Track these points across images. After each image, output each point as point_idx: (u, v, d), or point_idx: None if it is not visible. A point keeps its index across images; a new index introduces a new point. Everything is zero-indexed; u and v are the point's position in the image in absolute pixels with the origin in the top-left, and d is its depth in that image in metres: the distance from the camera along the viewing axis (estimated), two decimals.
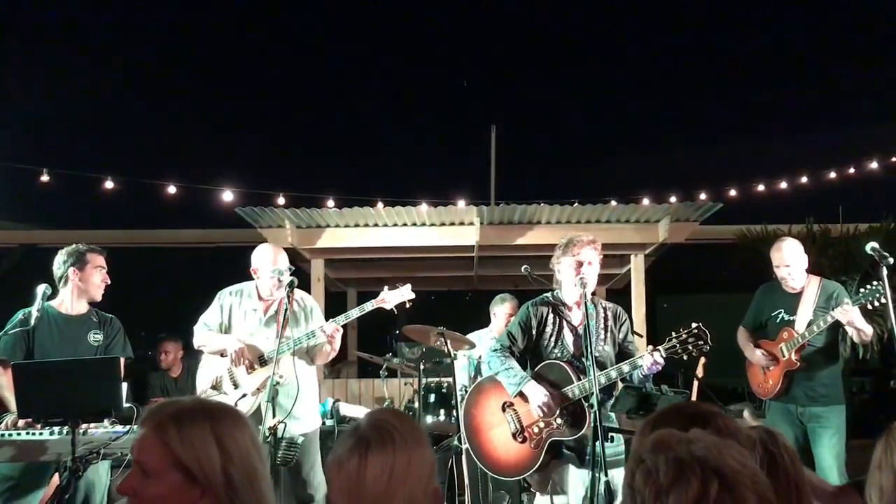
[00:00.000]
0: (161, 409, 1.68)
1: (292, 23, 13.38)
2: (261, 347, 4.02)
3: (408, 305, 4.20)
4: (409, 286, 4.19)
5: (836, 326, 4.28)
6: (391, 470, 1.55)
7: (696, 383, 5.68)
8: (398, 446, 1.58)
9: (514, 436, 3.68)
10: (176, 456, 1.60)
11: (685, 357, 3.48)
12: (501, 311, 5.73)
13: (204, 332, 4.17)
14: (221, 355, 4.08)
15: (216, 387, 4.07)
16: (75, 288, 3.95)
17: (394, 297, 4.14)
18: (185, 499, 1.60)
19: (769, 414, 4.55)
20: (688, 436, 1.29)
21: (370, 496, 1.55)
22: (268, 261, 4.09)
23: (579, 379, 3.53)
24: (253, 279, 4.18)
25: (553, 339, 3.73)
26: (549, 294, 3.88)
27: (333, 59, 13.95)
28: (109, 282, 4.08)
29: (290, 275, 4.00)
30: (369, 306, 4.10)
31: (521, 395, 3.66)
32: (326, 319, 4.10)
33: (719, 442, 1.28)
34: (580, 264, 3.66)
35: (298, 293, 4.15)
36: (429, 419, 5.45)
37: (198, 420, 1.65)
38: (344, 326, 4.12)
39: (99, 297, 4.06)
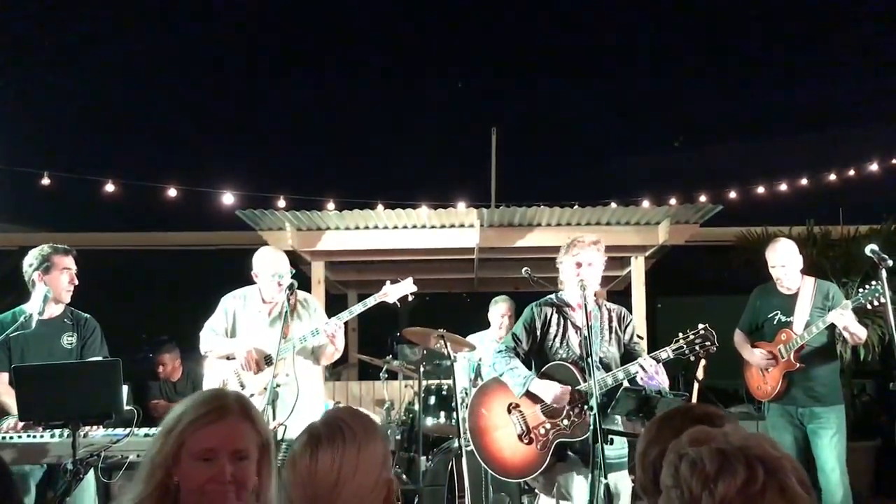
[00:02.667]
0: (229, 399, 1.82)
1: (291, 24, 13.38)
2: (266, 349, 4.04)
3: (410, 298, 4.23)
4: (410, 279, 4.23)
5: (834, 326, 4.29)
6: (340, 463, 1.65)
7: (696, 385, 5.68)
8: (347, 441, 1.67)
9: (520, 437, 3.68)
10: (262, 437, 1.82)
11: (692, 358, 3.50)
12: (495, 312, 5.77)
13: (211, 338, 4.19)
14: (228, 359, 4.10)
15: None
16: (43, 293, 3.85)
17: (396, 291, 4.18)
18: (254, 473, 1.79)
19: (768, 416, 4.56)
20: (722, 430, 1.34)
21: (322, 488, 1.64)
22: (268, 265, 4.11)
23: (585, 380, 3.53)
24: (255, 282, 4.20)
25: (558, 340, 3.73)
26: (553, 295, 3.88)
27: (333, 60, 13.96)
28: (77, 283, 3.98)
29: (291, 277, 4.02)
30: (372, 301, 4.14)
31: (527, 396, 3.66)
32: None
33: (751, 433, 1.32)
34: (579, 265, 3.67)
35: (301, 294, 4.19)
36: (429, 421, 5.46)
37: (253, 405, 1.86)
38: (345, 328, 4.14)
39: (67, 300, 3.97)
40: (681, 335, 3.47)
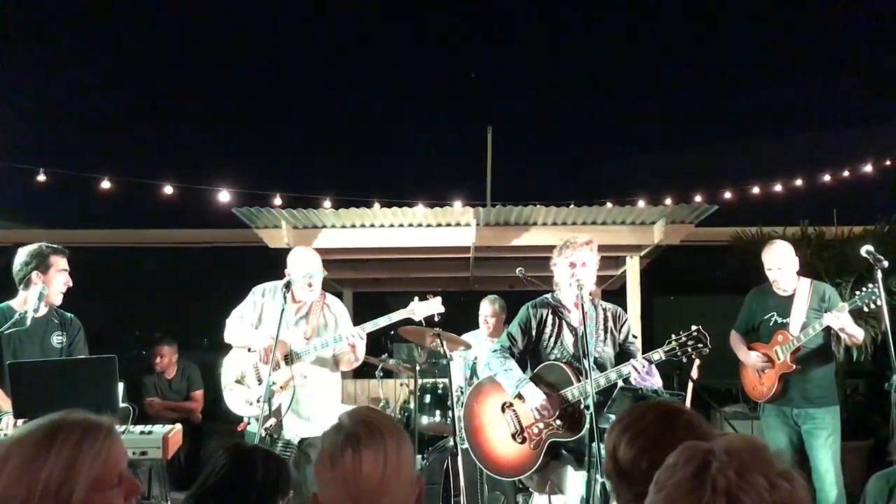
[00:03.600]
0: None
1: (289, 22, 13.37)
2: (289, 346, 4.07)
3: (437, 318, 4.23)
4: (439, 299, 4.21)
5: (830, 328, 4.31)
6: (385, 461, 1.64)
7: (690, 385, 5.69)
8: (387, 439, 1.67)
9: (513, 436, 3.69)
10: None
11: (684, 360, 3.50)
12: (480, 312, 5.80)
13: (237, 325, 4.22)
14: (248, 350, 4.12)
15: (240, 381, 4.13)
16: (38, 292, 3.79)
17: (423, 309, 4.16)
18: None
19: (763, 416, 4.57)
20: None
21: (367, 487, 1.62)
22: (299, 265, 4.17)
23: (579, 380, 3.54)
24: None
25: (553, 339, 3.74)
26: (549, 295, 3.89)
27: (330, 59, 13.95)
28: (71, 284, 3.96)
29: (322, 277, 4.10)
30: (397, 316, 4.14)
31: (520, 396, 3.68)
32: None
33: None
34: (573, 265, 3.68)
35: (330, 298, 4.29)
36: (424, 420, 5.46)
37: None
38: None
39: (59, 301, 3.95)
40: (673, 336, 3.48)
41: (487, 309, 5.82)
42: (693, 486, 1.15)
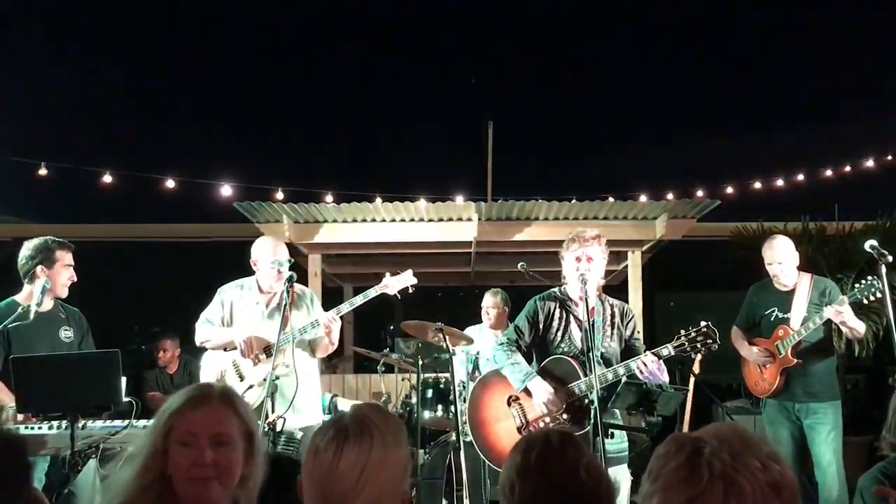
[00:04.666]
0: (213, 388, 1.86)
1: (290, 19, 13.34)
2: (268, 339, 4.04)
3: (410, 290, 4.23)
4: (410, 272, 4.24)
5: (831, 322, 4.30)
6: (364, 464, 1.58)
7: (692, 380, 5.70)
8: (375, 442, 1.60)
9: (519, 430, 3.68)
10: (247, 426, 1.85)
11: (693, 355, 3.50)
12: (483, 303, 5.87)
13: (207, 328, 4.18)
14: (225, 349, 4.09)
15: (220, 380, 4.09)
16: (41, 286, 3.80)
17: (396, 283, 4.19)
18: (241, 464, 1.81)
19: (765, 412, 4.57)
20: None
21: (340, 486, 1.57)
22: (267, 252, 4.12)
23: (586, 374, 3.53)
24: (252, 273, 4.19)
25: (560, 333, 3.73)
26: (556, 289, 3.88)
27: (331, 54, 13.93)
28: (76, 279, 3.95)
29: (290, 267, 4.02)
30: (373, 293, 4.15)
31: (527, 390, 3.67)
32: None
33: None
34: (578, 259, 3.67)
35: (298, 287, 4.20)
36: (426, 415, 5.46)
37: (240, 397, 1.91)
38: (341, 320, 4.14)
39: (65, 295, 3.95)
40: (682, 332, 3.46)
41: (489, 300, 5.83)
42: (688, 471, 1.16)
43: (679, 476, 1.17)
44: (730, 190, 8.28)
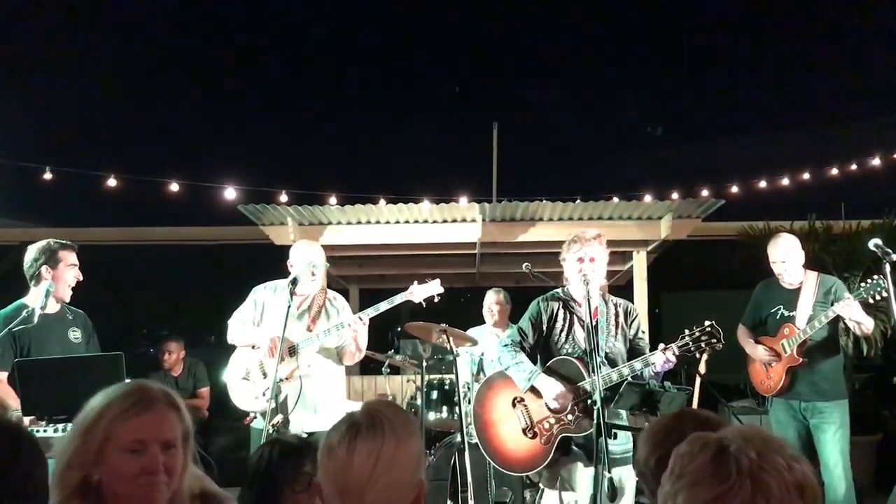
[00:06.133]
0: (154, 391, 1.81)
1: (295, 20, 13.36)
2: (292, 339, 4.09)
3: (436, 300, 4.26)
4: (437, 281, 4.28)
5: (837, 320, 4.29)
6: (377, 456, 1.60)
7: (698, 379, 5.68)
8: (387, 435, 1.63)
9: (524, 431, 3.67)
10: (186, 425, 1.84)
11: (698, 355, 3.49)
12: (486, 301, 5.93)
13: (238, 326, 4.27)
14: (252, 348, 4.17)
15: (246, 377, 4.16)
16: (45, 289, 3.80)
17: (422, 292, 4.23)
18: (183, 461, 1.82)
19: (772, 411, 4.55)
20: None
21: (355, 480, 1.60)
22: (304, 255, 4.21)
23: (590, 375, 3.52)
24: (286, 275, 4.24)
25: (564, 334, 3.73)
26: (560, 290, 3.88)
27: (336, 56, 13.94)
28: (81, 278, 3.98)
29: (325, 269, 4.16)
30: (398, 299, 4.19)
31: (531, 390, 3.66)
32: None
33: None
34: (580, 260, 3.67)
35: (332, 293, 4.35)
36: (431, 416, 5.46)
37: (177, 394, 1.89)
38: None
39: (68, 297, 3.97)
40: (686, 332, 3.45)
41: (492, 297, 5.87)
42: (715, 468, 1.15)
43: (706, 472, 1.16)
44: (735, 189, 8.24)
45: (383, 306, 4.16)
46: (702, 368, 5.52)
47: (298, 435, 3.80)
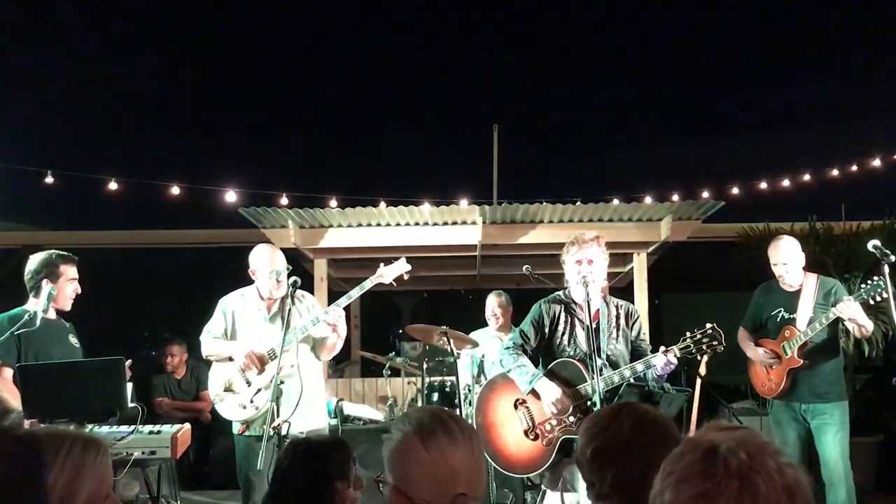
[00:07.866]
0: None
1: (295, 23, 13.39)
2: (266, 347, 4.07)
3: (405, 278, 4.24)
4: (403, 259, 4.28)
5: (837, 322, 4.30)
6: (479, 454, 1.77)
7: (698, 381, 5.68)
8: (473, 437, 1.77)
9: (526, 433, 3.68)
10: None
11: (699, 357, 3.50)
12: (488, 305, 5.89)
13: (210, 342, 4.24)
14: (231, 359, 4.12)
15: (228, 388, 4.13)
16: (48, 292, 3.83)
17: (391, 272, 4.21)
18: None
19: (772, 413, 4.56)
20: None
21: (468, 476, 1.70)
22: (265, 262, 4.16)
23: (592, 377, 3.53)
24: (252, 281, 4.22)
25: (566, 337, 3.74)
26: (561, 292, 3.89)
27: (336, 59, 13.96)
28: (80, 292, 4.00)
29: (289, 274, 4.05)
30: (368, 283, 4.17)
31: (533, 392, 3.67)
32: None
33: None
34: (579, 262, 3.68)
35: (299, 291, 4.19)
36: None
37: None
38: (347, 325, 4.16)
39: (68, 308, 3.99)
40: (688, 334, 3.46)
41: (494, 301, 5.84)
42: (703, 467, 1.15)
43: (693, 469, 1.16)
44: (735, 191, 8.25)
45: (355, 293, 4.14)
46: (702, 370, 5.52)
47: (324, 434, 3.81)
